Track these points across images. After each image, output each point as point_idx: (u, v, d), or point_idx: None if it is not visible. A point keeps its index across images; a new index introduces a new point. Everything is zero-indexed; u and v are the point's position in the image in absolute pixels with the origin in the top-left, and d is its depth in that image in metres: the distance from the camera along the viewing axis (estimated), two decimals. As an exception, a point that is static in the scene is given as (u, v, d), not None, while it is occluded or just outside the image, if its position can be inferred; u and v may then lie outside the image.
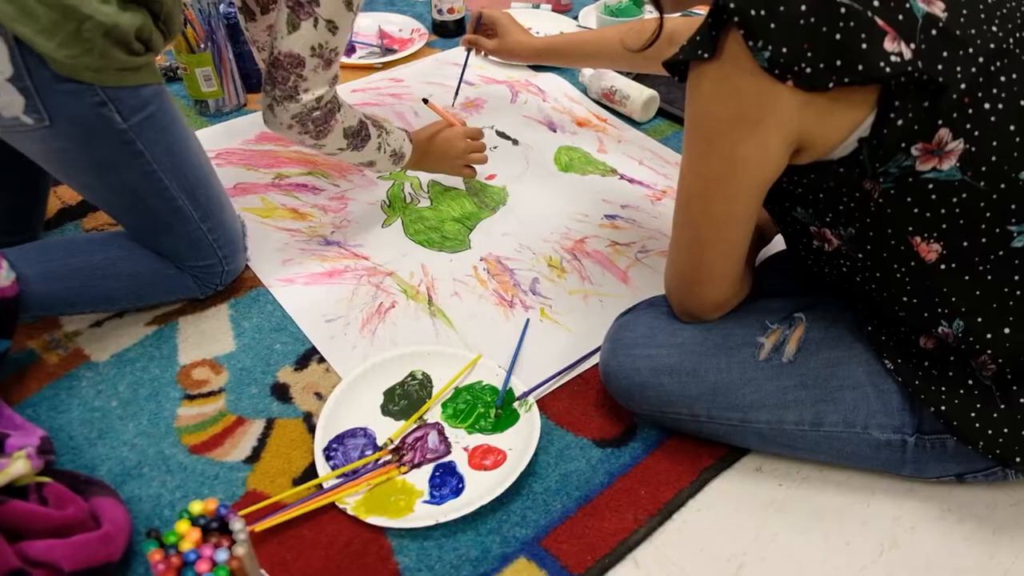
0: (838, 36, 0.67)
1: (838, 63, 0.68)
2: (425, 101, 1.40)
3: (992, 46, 0.71)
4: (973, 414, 0.79)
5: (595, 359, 1.05)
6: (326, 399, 1.00)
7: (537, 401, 1.00)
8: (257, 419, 1.01)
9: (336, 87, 1.07)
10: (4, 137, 0.96)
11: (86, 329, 1.13)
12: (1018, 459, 0.79)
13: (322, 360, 1.08)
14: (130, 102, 0.94)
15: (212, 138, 1.50)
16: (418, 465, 0.94)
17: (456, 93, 1.57)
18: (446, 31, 1.87)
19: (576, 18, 1.92)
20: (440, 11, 1.85)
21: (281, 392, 1.04)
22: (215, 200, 1.09)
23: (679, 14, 1.06)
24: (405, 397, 1.02)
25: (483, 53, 1.49)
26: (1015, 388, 0.79)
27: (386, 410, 1.00)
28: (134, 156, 0.98)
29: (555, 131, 1.55)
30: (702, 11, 0.77)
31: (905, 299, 0.80)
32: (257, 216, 1.32)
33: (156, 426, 1.00)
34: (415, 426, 0.98)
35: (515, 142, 1.51)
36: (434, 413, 1.00)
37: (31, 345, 1.10)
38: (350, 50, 1.78)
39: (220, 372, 1.07)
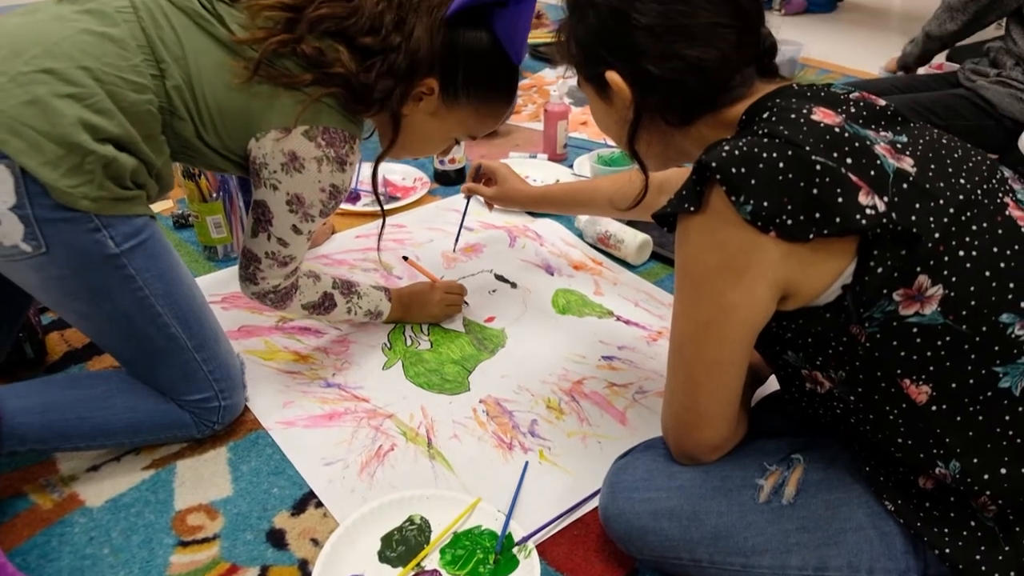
0: (815, 191, 0.72)
1: (817, 216, 0.72)
2: (405, 259, 1.53)
3: (961, 197, 0.76)
4: (978, 556, 0.78)
5: (595, 502, 1.04)
6: (322, 545, 0.98)
7: (537, 546, 0.99)
8: (251, 567, 0.99)
9: (296, 275, 1.20)
10: (2, 268, 1.00)
11: (83, 473, 1.12)
12: None
13: (320, 504, 1.07)
14: (123, 229, 0.99)
15: (219, 283, 1.54)
16: (415, 615, 0.91)
17: (457, 239, 1.63)
18: (447, 179, 1.96)
19: (571, 166, 2.02)
20: (442, 161, 1.94)
21: (277, 538, 1.02)
22: (210, 331, 1.12)
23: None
24: (403, 543, 1.00)
25: (483, 201, 1.55)
26: (1018, 529, 0.78)
27: (383, 556, 0.98)
28: (126, 281, 1.01)
29: (552, 274, 1.59)
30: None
31: (900, 440, 0.80)
32: (260, 358, 1.34)
33: (147, 575, 0.97)
34: (413, 573, 0.96)
35: (513, 285, 1.55)
36: (432, 559, 0.98)
37: (26, 489, 1.09)
38: (355, 198, 1.86)
39: (216, 517, 1.05)
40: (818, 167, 0.72)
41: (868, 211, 0.72)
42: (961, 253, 0.74)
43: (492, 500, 1.05)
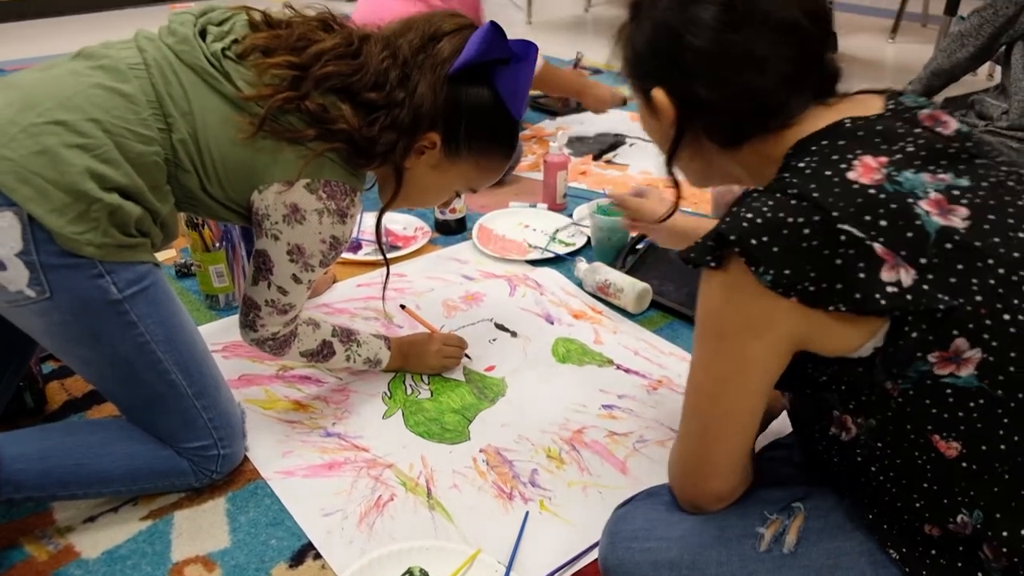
0: (838, 261, 0.71)
1: (838, 287, 0.72)
2: (403, 307, 1.54)
3: (1016, 255, 0.72)
4: None
5: (596, 553, 1.03)
6: (320, 598, 0.97)
7: (537, 599, 0.98)
8: (248, 620, 0.97)
9: (295, 323, 1.22)
10: (7, 314, 1.01)
11: (79, 524, 1.11)
12: None
13: (318, 556, 1.06)
14: (126, 275, 1.00)
15: (220, 331, 1.55)
16: (413, 670, 0.90)
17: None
18: (448, 229, 1.98)
19: (571, 215, 2.03)
20: (443, 211, 1.96)
21: (274, 590, 1.01)
22: (210, 379, 1.12)
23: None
24: (401, 595, 0.99)
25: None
26: None
27: (382, 609, 0.97)
28: (127, 327, 1.02)
29: (552, 323, 1.60)
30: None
31: (925, 486, 0.78)
32: (260, 408, 1.34)
33: (143, 628, 0.96)
34: (411, 627, 0.95)
35: (514, 334, 1.56)
36: (431, 612, 0.97)
37: (22, 540, 1.08)
38: (356, 247, 1.87)
39: (213, 569, 1.04)
40: (843, 236, 0.71)
41: (890, 289, 0.70)
42: (1006, 317, 0.71)
43: (492, 551, 1.05)
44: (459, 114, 1.09)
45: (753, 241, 0.72)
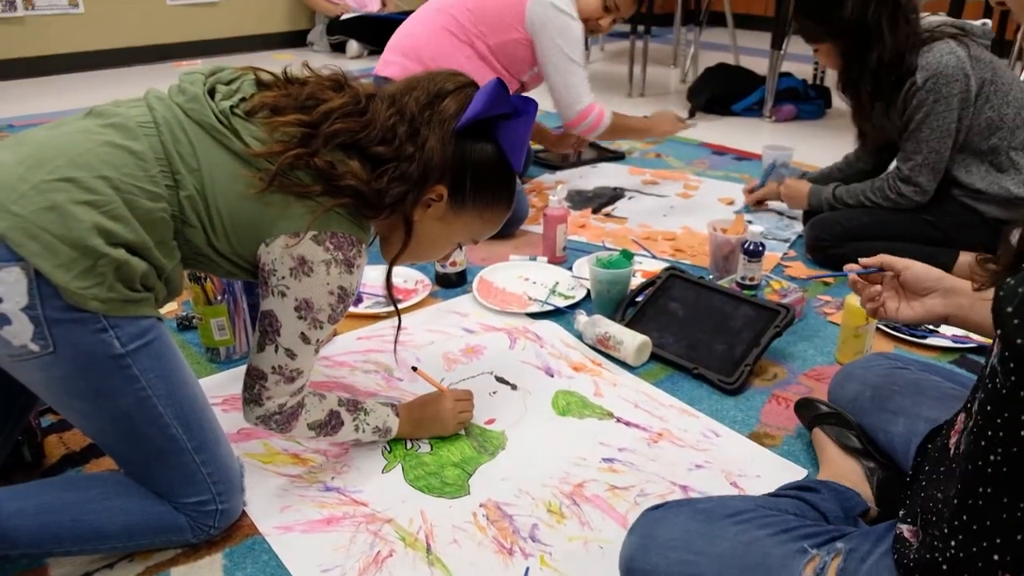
0: None
1: None
2: (414, 369, 1.50)
3: None
4: None
5: (597, 610, 1.02)
6: (317, 657, 0.95)
7: (538, 658, 0.96)
8: None
9: (302, 394, 1.19)
10: (8, 367, 1.01)
11: (74, 581, 1.10)
12: None
13: (315, 613, 1.04)
14: (129, 329, 1.01)
15: (220, 384, 1.55)
16: None
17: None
18: (448, 282, 1.99)
19: (571, 268, 2.05)
20: (443, 264, 1.98)
21: (271, 649, 1.00)
22: (210, 433, 1.12)
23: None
24: (400, 654, 0.97)
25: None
26: None
27: (380, 669, 0.95)
28: (129, 381, 1.02)
29: (552, 376, 1.60)
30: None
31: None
32: (259, 461, 1.33)
33: None
34: None
35: (514, 387, 1.56)
36: (430, 672, 0.95)
37: (16, 599, 1.07)
38: (357, 300, 1.88)
39: (209, 627, 1.03)
40: None
41: None
42: None
43: (492, 608, 1.03)
44: (465, 167, 1.13)
45: None
